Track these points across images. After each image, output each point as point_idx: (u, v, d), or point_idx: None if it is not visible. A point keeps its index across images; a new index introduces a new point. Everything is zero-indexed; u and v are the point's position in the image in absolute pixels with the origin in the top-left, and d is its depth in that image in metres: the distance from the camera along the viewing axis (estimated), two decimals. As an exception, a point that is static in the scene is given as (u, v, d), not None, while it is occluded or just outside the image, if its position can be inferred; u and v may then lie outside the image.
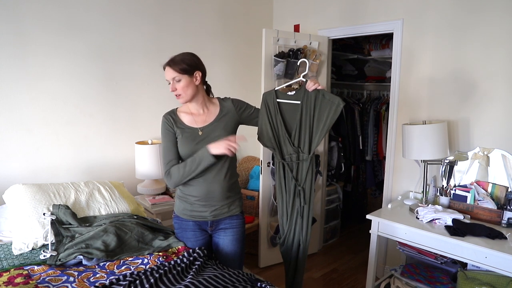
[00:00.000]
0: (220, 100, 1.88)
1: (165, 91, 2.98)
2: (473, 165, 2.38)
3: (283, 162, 1.98)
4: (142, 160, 2.67)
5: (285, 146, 1.97)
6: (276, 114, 1.96)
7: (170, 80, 1.73)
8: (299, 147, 1.96)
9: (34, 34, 2.32)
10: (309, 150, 1.95)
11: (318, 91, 1.90)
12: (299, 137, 1.96)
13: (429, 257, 2.34)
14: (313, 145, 1.95)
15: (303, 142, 1.96)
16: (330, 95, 1.90)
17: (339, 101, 1.86)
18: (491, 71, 2.33)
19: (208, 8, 3.18)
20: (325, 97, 1.90)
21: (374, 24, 2.89)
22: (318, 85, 1.88)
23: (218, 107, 1.85)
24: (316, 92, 1.90)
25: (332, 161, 3.61)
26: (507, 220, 2.10)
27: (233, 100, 1.89)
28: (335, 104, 1.86)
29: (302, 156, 1.96)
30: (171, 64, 1.73)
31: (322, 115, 1.91)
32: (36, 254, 1.78)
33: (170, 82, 1.74)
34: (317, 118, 1.92)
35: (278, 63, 2.78)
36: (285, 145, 1.97)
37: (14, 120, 2.31)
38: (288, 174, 1.98)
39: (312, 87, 1.88)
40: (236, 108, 1.86)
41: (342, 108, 1.86)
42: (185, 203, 1.82)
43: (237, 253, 1.89)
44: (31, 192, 2.01)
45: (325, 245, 3.64)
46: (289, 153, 1.97)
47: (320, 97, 1.91)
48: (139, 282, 1.47)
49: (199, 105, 1.81)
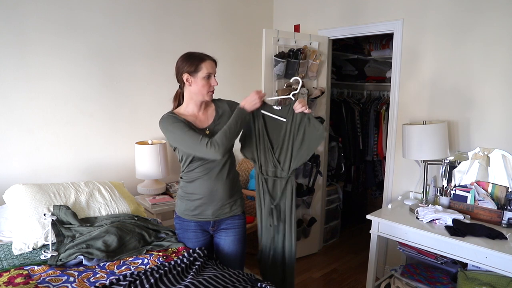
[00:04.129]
0: (215, 101, 1.88)
1: (165, 91, 2.99)
2: (473, 165, 2.38)
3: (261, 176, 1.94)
4: (142, 160, 2.67)
5: (266, 159, 1.92)
6: (260, 124, 1.90)
7: (213, 73, 1.75)
8: (279, 163, 1.91)
9: (34, 34, 2.32)
10: (289, 169, 1.91)
11: (304, 114, 1.85)
12: (280, 154, 1.91)
13: (429, 257, 2.34)
14: (293, 166, 1.90)
15: (283, 160, 1.91)
16: (315, 122, 1.84)
17: (323, 131, 1.82)
18: (492, 71, 2.33)
19: (208, 8, 3.18)
20: (311, 123, 1.84)
21: (374, 24, 2.89)
22: (306, 109, 1.83)
23: (213, 108, 1.85)
24: (302, 115, 1.85)
25: (332, 161, 3.61)
26: (507, 220, 2.10)
27: (227, 101, 1.89)
28: (319, 132, 1.82)
29: (281, 174, 1.92)
30: (215, 59, 1.77)
31: (305, 140, 1.85)
32: (36, 254, 1.78)
33: (212, 76, 1.74)
34: (300, 141, 1.87)
35: (278, 63, 2.78)
36: (266, 157, 1.92)
37: (14, 120, 2.31)
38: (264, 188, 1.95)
39: (299, 110, 1.83)
40: (231, 109, 1.85)
41: (324, 138, 1.84)
42: (187, 203, 1.82)
43: (238, 253, 1.89)
44: (31, 192, 2.01)
45: (325, 245, 3.64)
46: (266, 166, 1.93)
47: (305, 120, 1.85)
48: (139, 282, 1.47)
49: (202, 106, 1.81)
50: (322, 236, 3.58)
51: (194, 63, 1.71)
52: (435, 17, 2.54)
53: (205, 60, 1.72)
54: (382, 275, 2.91)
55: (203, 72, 1.71)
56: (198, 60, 1.72)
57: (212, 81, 1.74)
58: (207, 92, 1.75)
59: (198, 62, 1.71)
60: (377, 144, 3.90)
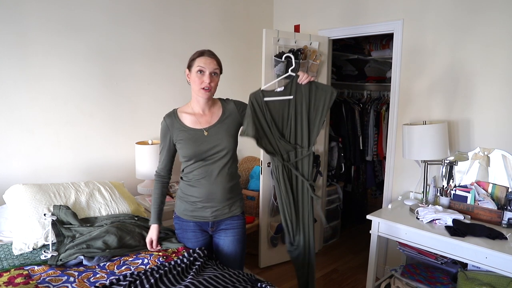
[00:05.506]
0: (222, 101, 1.86)
1: (165, 91, 3.00)
2: (474, 166, 2.38)
3: (285, 163, 1.91)
4: (142, 160, 2.67)
5: (281, 146, 1.91)
6: (266, 114, 1.89)
7: (209, 71, 1.69)
8: (297, 143, 1.91)
9: (35, 34, 2.32)
10: (309, 143, 1.91)
11: (311, 83, 1.88)
12: (296, 133, 1.91)
13: (430, 258, 2.34)
14: (312, 138, 1.91)
15: (300, 137, 1.91)
16: (322, 85, 1.90)
17: (332, 89, 1.87)
18: (492, 71, 2.33)
19: (208, 8, 3.18)
20: (318, 88, 1.88)
21: (374, 25, 2.89)
22: (311, 78, 1.86)
23: (220, 108, 1.83)
24: (309, 84, 1.88)
25: (332, 161, 3.61)
26: (507, 220, 2.10)
27: (235, 101, 1.87)
28: (329, 92, 1.87)
29: (302, 152, 1.92)
30: (215, 56, 1.73)
31: (318, 105, 1.89)
32: (37, 254, 1.78)
33: (206, 72, 1.69)
34: (315, 108, 1.89)
35: (278, 63, 2.78)
36: (280, 144, 1.91)
37: (14, 120, 2.31)
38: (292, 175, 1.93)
39: (306, 80, 1.85)
40: (239, 110, 1.84)
41: (336, 93, 1.86)
42: (186, 204, 1.82)
43: (237, 253, 1.88)
44: (31, 192, 2.01)
45: (325, 245, 3.64)
46: (286, 152, 1.92)
47: (313, 88, 1.89)
48: (139, 282, 1.47)
49: (205, 105, 1.79)
50: (322, 236, 3.58)
51: (191, 58, 1.74)
52: (435, 17, 2.54)
53: (201, 56, 1.71)
54: (382, 275, 2.91)
55: (195, 67, 1.70)
56: (195, 55, 1.73)
57: (205, 77, 1.69)
58: (199, 89, 1.71)
59: (194, 57, 1.73)
60: (377, 144, 3.90)
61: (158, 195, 1.86)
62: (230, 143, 1.76)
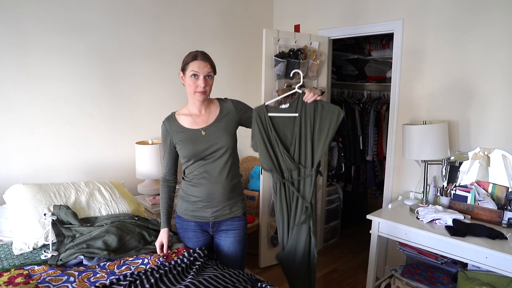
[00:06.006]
0: (220, 101, 1.86)
1: (165, 91, 3.00)
2: (474, 165, 2.38)
3: (284, 182, 1.87)
4: (143, 160, 2.67)
5: (284, 163, 1.86)
6: (269, 130, 1.85)
7: (203, 75, 1.68)
8: (300, 163, 1.86)
9: (35, 34, 2.32)
10: (312, 163, 1.86)
11: (316, 102, 1.82)
12: (299, 151, 1.86)
13: (430, 257, 2.34)
14: (316, 158, 1.85)
15: (304, 156, 1.86)
16: (329, 105, 1.84)
17: (339, 110, 1.80)
18: (492, 71, 2.33)
19: (208, 8, 3.18)
20: (324, 107, 1.82)
21: (374, 24, 2.89)
22: (317, 96, 1.81)
23: (218, 107, 1.83)
24: (314, 103, 1.83)
25: (332, 161, 3.61)
26: (507, 220, 2.10)
27: (232, 101, 1.87)
28: (335, 113, 1.80)
29: (305, 171, 1.86)
30: (208, 59, 1.72)
31: (323, 125, 1.82)
32: (37, 254, 1.78)
33: (200, 76, 1.67)
34: (319, 129, 1.83)
35: (278, 63, 2.78)
36: (284, 161, 1.86)
37: (14, 120, 2.31)
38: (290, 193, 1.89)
39: (312, 99, 1.81)
40: (237, 109, 1.84)
41: (342, 117, 1.80)
42: (186, 203, 1.82)
43: (238, 254, 1.88)
44: (31, 192, 2.01)
45: (326, 245, 3.64)
46: (289, 170, 1.87)
47: (319, 107, 1.83)
48: (140, 282, 1.47)
49: (202, 106, 1.79)
50: (322, 236, 3.58)
51: (185, 61, 1.72)
52: (435, 17, 2.54)
53: (195, 60, 1.69)
54: (382, 275, 2.90)
55: (189, 71, 1.69)
56: (188, 58, 1.71)
57: (200, 82, 1.68)
58: (194, 92, 1.70)
59: (187, 60, 1.71)
60: (378, 144, 3.90)
61: (166, 200, 1.86)
62: (228, 141, 1.76)
